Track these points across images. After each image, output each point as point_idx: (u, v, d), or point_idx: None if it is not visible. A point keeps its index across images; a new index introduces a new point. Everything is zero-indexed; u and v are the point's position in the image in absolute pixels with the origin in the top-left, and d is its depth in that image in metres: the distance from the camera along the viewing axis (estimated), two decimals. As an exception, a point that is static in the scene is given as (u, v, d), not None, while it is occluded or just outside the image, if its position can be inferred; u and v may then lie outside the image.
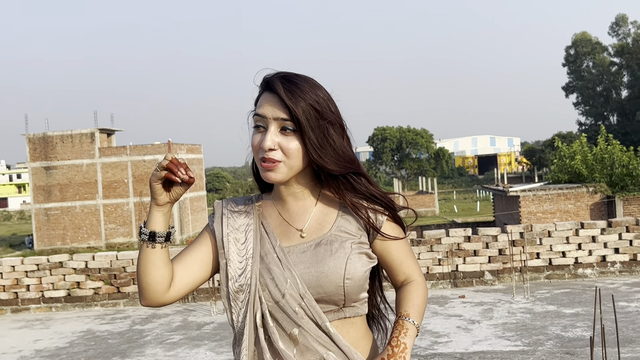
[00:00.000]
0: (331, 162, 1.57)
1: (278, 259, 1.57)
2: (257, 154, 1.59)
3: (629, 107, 67.05)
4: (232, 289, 1.58)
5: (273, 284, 1.55)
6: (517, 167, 79.71)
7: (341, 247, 1.56)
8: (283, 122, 1.54)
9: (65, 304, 8.84)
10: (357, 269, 1.55)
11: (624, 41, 68.35)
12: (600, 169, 26.86)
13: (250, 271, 1.57)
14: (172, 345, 6.63)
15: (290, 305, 1.53)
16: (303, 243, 1.59)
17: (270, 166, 1.55)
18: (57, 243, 40.02)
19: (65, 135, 40.35)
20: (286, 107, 1.53)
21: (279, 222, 1.64)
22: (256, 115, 1.58)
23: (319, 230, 1.61)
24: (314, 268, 1.55)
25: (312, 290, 1.54)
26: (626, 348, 5.33)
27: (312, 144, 1.55)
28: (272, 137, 1.54)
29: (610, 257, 8.38)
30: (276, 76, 1.58)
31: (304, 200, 1.65)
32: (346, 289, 1.53)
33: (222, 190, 79.09)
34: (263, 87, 1.59)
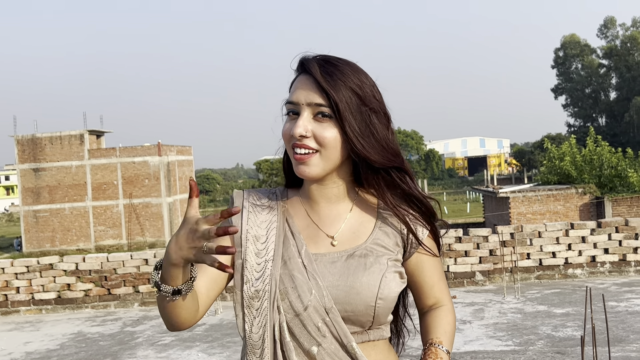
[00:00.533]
0: (374, 152, 1.37)
1: (303, 266, 1.38)
2: (288, 144, 1.40)
3: (617, 109, 67.60)
4: (247, 294, 1.37)
5: (295, 294, 1.35)
6: (507, 168, 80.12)
7: (376, 262, 1.38)
8: (317, 107, 1.35)
9: (56, 306, 8.80)
10: (391, 289, 1.37)
11: (612, 43, 68.94)
12: (589, 170, 27.06)
13: (270, 276, 1.37)
14: (163, 346, 6.61)
15: (313, 319, 1.35)
16: (333, 252, 1.40)
17: (304, 158, 1.36)
18: (46, 245, 39.79)
19: (54, 136, 40.15)
20: (322, 90, 1.35)
21: (306, 224, 1.45)
22: (288, 103, 1.40)
23: (353, 240, 1.42)
24: (344, 282, 1.36)
25: (339, 306, 1.35)
26: (616, 347, 5.38)
27: (353, 130, 1.35)
28: (304, 122, 1.35)
29: (599, 258, 8.44)
30: (313, 57, 1.40)
31: (337, 204, 1.45)
32: (377, 310, 1.36)
33: (212, 192, 78.94)
34: (298, 70, 1.41)
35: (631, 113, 64.02)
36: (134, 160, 40.09)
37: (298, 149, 1.36)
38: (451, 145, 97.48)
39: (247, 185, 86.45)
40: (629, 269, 8.41)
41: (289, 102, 1.39)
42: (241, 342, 1.44)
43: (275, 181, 65.96)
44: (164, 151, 40.28)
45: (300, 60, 1.41)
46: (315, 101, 1.35)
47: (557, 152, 28.54)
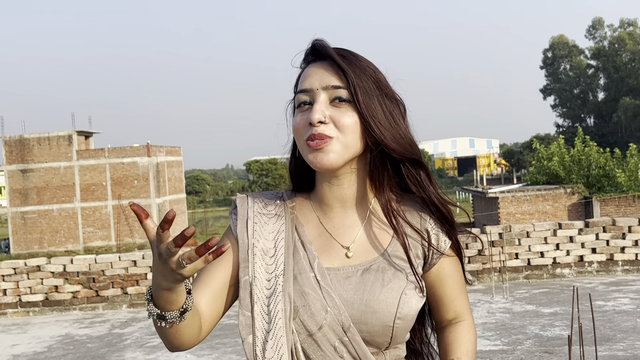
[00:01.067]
0: (392, 140, 1.26)
1: (316, 281, 1.25)
2: (301, 137, 1.27)
3: (605, 109, 68.02)
4: (258, 314, 1.24)
5: (307, 312, 1.23)
6: (496, 168, 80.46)
7: (395, 278, 1.26)
8: (335, 90, 1.24)
9: (43, 308, 8.73)
10: (411, 307, 1.25)
11: (600, 44, 69.37)
12: (578, 171, 27.22)
13: (282, 292, 1.24)
14: (152, 348, 6.58)
15: (329, 339, 1.23)
16: (348, 266, 1.28)
17: (320, 144, 1.22)
18: (34, 247, 39.54)
19: (42, 137, 39.90)
20: (339, 73, 1.25)
21: (318, 233, 1.32)
22: (299, 93, 1.28)
23: (370, 252, 1.29)
24: (359, 300, 1.24)
25: (355, 327, 1.24)
26: (603, 346, 5.41)
27: (371, 114, 1.24)
28: (321, 107, 1.24)
29: (587, 257, 8.49)
30: (314, 44, 1.30)
31: (353, 209, 1.32)
32: (395, 330, 1.24)
33: (202, 192, 78.73)
34: (306, 61, 1.32)
35: (619, 113, 64.47)
36: (122, 161, 39.91)
37: (314, 138, 1.23)
38: (441, 145, 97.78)
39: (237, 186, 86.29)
40: (616, 268, 8.46)
41: (300, 90, 1.27)
42: (231, 344, 1.35)
43: (265, 182, 65.90)
44: (153, 152, 40.12)
45: (312, 46, 1.30)
46: (332, 83, 1.24)
47: (546, 153, 28.70)
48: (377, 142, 1.26)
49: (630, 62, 66.52)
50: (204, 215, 55.23)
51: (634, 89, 65.35)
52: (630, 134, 63.74)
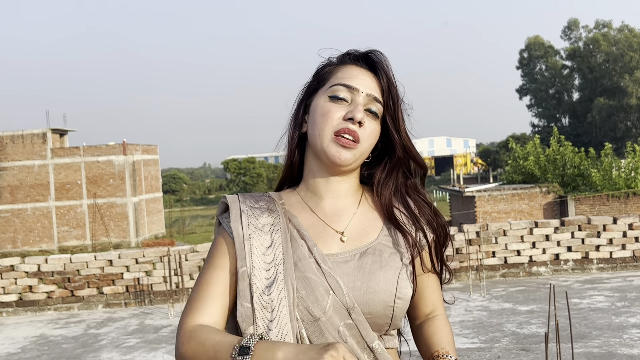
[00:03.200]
0: (417, 155, 1.40)
1: (317, 265, 1.28)
2: (330, 125, 1.31)
3: (580, 109, 68.93)
4: (258, 304, 1.24)
5: (311, 298, 1.25)
6: (473, 168, 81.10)
7: (392, 260, 1.31)
8: (373, 101, 1.34)
9: (17, 309, 8.59)
10: (408, 289, 1.30)
11: (575, 45, 70.27)
12: (553, 170, 27.56)
13: (283, 281, 1.25)
14: (128, 349, 6.51)
15: (334, 323, 1.25)
16: (345, 251, 1.31)
17: (350, 144, 1.30)
18: (8, 246, 38.93)
19: (15, 135, 39.29)
20: (385, 86, 1.35)
21: (312, 222, 1.35)
22: (342, 86, 1.34)
23: (363, 238, 1.34)
24: (360, 282, 1.27)
25: (358, 307, 1.28)
26: (579, 343, 5.47)
27: (404, 129, 1.38)
28: (363, 110, 1.33)
29: (563, 255, 8.58)
30: (373, 52, 1.39)
31: (345, 199, 1.38)
32: (395, 310, 1.28)
33: (179, 191, 78.19)
34: (344, 61, 1.39)
35: (593, 114, 65.38)
36: (98, 160, 39.46)
37: (347, 134, 1.30)
38: (418, 144, 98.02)
39: (214, 184, 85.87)
40: (591, 266, 8.56)
41: (345, 85, 1.33)
42: None
43: (243, 180, 65.64)
44: (129, 150, 39.73)
45: (367, 54, 1.38)
46: (375, 95, 1.34)
47: (522, 152, 29.00)
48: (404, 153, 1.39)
49: (605, 63, 67.49)
50: (180, 215, 54.87)
51: (608, 90, 66.33)
52: (604, 133, 64.70)
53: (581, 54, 68.59)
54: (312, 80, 1.41)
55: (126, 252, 8.68)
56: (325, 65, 1.40)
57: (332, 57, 1.41)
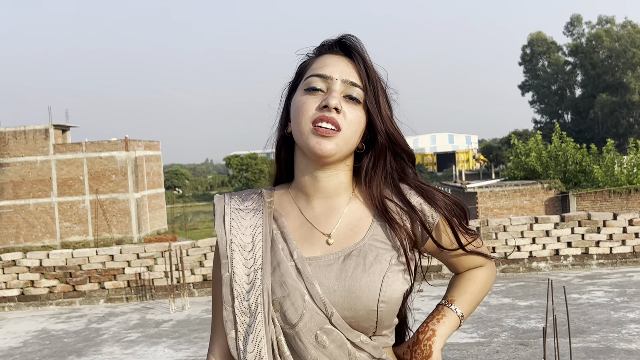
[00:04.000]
0: (401, 140, 1.34)
1: (296, 270, 1.26)
2: (307, 116, 1.27)
3: (582, 106, 68.80)
4: (239, 309, 1.25)
5: (288, 302, 1.23)
6: (475, 164, 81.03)
7: (377, 261, 1.26)
8: (351, 86, 1.29)
9: (19, 303, 8.64)
10: (395, 289, 1.24)
11: (578, 41, 70.10)
12: (555, 166, 27.53)
13: (261, 286, 1.25)
14: (129, 343, 6.54)
15: (310, 328, 1.23)
16: (329, 254, 1.28)
17: (330, 132, 1.25)
18: (10, 242, 39.03)
19: (18, 131, 39.35)
20: (363, 70, 1.30)
21: (299, 223, 1.33)
22: (315, 77, 1.30)
23: (350, 238, 1.30)
24: (341, 286, 1.24)
25: (340, 313, 1.24)
26: (577, 338, 5.49)
27: (387, 115, 1.32)
28: (339, 97, 1.27)
29: (563, 251, 8.60)
30: (346, 36, 1.34)
31: (335, 197, 1.33)
32: (380, 314, 1.23)
33: (181, 187, 78.26)
34: (320, 51, 1.35)
35: (596, 110, 65.26)
36: (100, 156, 39.51)
37: (325, 122, 1.25)
38: (420, 141, 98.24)
39: (216, 181, 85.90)
40: (591, 262, 8.58)
41: (317, 75, 1.29)
42: (209, 338, 1.36)
43: (245, 176, 65.68)
44: (131, 146, 39.77)
45: (341, 39, 1.34)
46: (351, 79, 1.29)
47: (524, 148, 28.99)
48: (386, 139, 1.32)
49: (607, 59, 67.33)
50: (183, 210, 54.92)
51: (610, 86, 66.19)
52: (606, 130, 64.59)
53: (584, 50, 68.42)
54: (293, 78, 1.38)
55: (127, 247, 8.72)
56: (304, 61, 1.37)
57: (311, 52, 1.38)
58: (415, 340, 1.35)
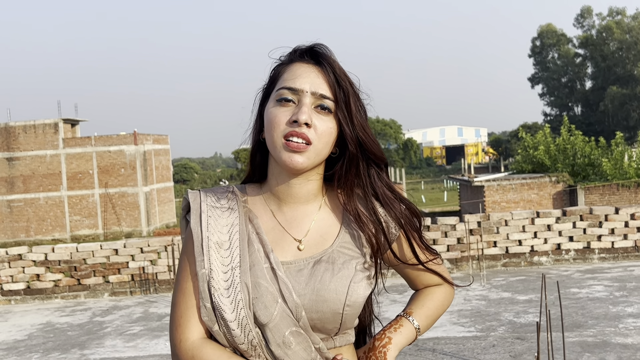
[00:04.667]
0: (375, 147, 1.37)
1: (271, 271, 1.30)
2: (278, 131, 1.30)
3: (592, 98, 68.36)
4: (217, 305, 1.28)
5: (260, 304, 1.28)
6: (484, 157, 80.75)
7: (344, 268, 1.32)
8: (321, 99, 1.31)
9: (25, 297, 8.76)
10: (359, 294, 1.32)
11: (588, 33, 69.59)
12: (563, 159, 27.41)
13: (240, 284, 1.29)
14: (131, 336, 6.63)
15: (280, 329, 1.28)
16: (300, 259, 1.33)
17: (301, 147, 1.28)
18: (21, 235, 39.36)
19: (28, 125, 39.61)
20: (333, 80, 1.32)
21: (271, 226, 1.36)
22: (285, 89, 1.31)
23: (320, 244, 1.35)
24: (310, 290, 1.30)
25: (306, 314, 1.30)
26: (574, 332, 5.52)
27: (359, 123, 1.34)
28: (309, 111, 1.29)
29: (564, 245, 8.60)
30: (317, 45, 1.36)
31: (306, 204, 1.38)
32: (344, 317, 1.31)
33: (190, 181, 78.53)
34: (294, 58, 1.36)
35: (606, 102, 64.81)
36: (109, 149, 39.71)
37: (296, 137, 1.28)
38: (429, 134, 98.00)
39: (225, 174, 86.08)
40: (592, 256, 8.58)
41: (288, 88, 1.31)
42: None
43: (254, 170, 65.65)
44: (140, 140, 39.93)
45: (304, 48, 1.36)
46: (320, 92, 1.31)
47: (532, 142, 28.88)
48: (357, 148, 1.35)
49: (618, 51, 66.81)
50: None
51: (620, 78, 65.70)
52: (617, 122, 64.14)
53: (594, 42, 67.91)
54: (266, 84, 1.40)
55: (131, 241, 8.81)
56: (276, 66, 1.38)
57: (284, 55, 1.39)
58: (372, 347, 1.40)
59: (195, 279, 1.31)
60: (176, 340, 1.33)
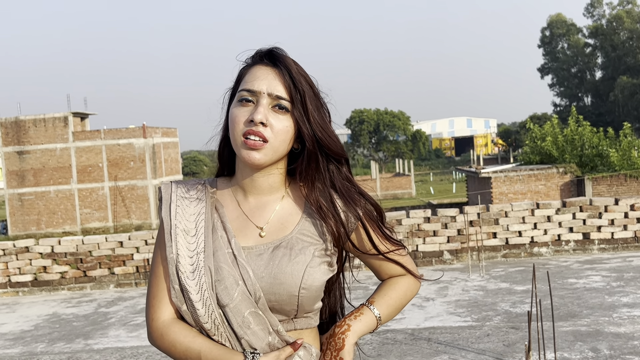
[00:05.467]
0: (332, 143, 1.47)
1: (233, 256, 1.42)
2: (238, 130, 1.41)
3: (602, 88, 67.92)
4: (184, 287, 1.40)
5: (221, 286, 1.39)
6: (494, 148, 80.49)
7: (301, 253, 1.42)
8: (277, 99, 1.41)
9: (32, 289, 8.92)
10: (315, 278, 1.41)
11: (598, 22, 69.05)
12: (571, 150, 27.31)
13: (204, 267, 1.40)
14: (135, 326, 6.77)
15: (240, 311, 1.39)
16: (260, 245, 1.44)
17: (257, 145, 1.39)
18: (32, 228, 39.77)
19: (38, 119, 39.92)
20: (285, 83, 1.41)
21: (236, 215, 1.48)
22: (245, 91, 1.42)
23: (280, 231, 1.46)
24: (268, 273, 1.40)
25: (265, 297, 1.40)
26: (568, 322, 5.59)
27: (315, 121, 1.43)
28: (265, 110, 1.40)
29: (564, 236, 8.66)
30: (274, 50, 1.46)
31: (269, 195, 1.49)
32: (300, 299, 1.40)
33: (199, 174, 78.84)
34: (255, 61, 1.47)
35: (616, 92, 64.36)
36: (118, 143, 39.97)
37: (253, 135, 1.39)
38: (438, 125, 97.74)
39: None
40: (592, 247, 8.63)
41: (247, 90, 1.41)
42: None
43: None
44: (149, 133, 40.15)
45: (263, 51, 1.45)
46: (276, 93, 1.40)
47: (540, 132, 28.78)
48: (314, 145, 1.45)
49: (628, 41, 66.28)
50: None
51: (631, 68, 65.20)
52: (627, 112, 63.71)
53: (604, 31, 67.39)
54: (233, 84, 1.50)
55: (136, 234, 8.95)
56: (241, 68, 1.49)
57: (249, 58, 1.49)
58: (332, 333, 1.48)
59: (165, 263, 1.44)
60: (149, 319, 1.46)
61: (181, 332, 1.42)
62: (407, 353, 5.10)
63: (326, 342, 1.49)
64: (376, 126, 71.73)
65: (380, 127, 71.57)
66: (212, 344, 1.41)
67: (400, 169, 57.37)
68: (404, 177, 49.80)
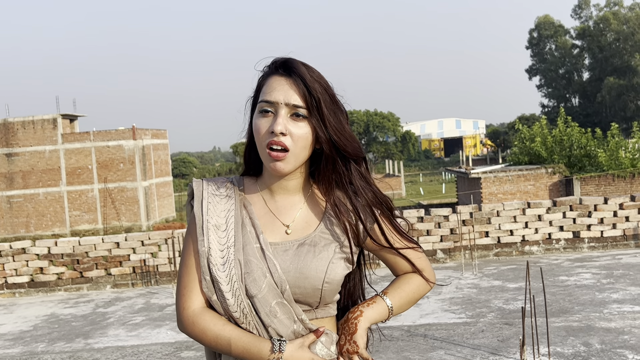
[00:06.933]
0: (349, 145, 1.55)
1: (261, 250, 1.53)
2: (263, 140, 1.52)
3: (590, 89, 68.54)
4: (215, 278, 1.51)
5: (250, 278, 1.50)
6: (482, 149, 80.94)
7: (324, 250, 1.54)
8: (295, 108, 1.50)
9: (29, 290, 8.97)
10: (337, 273, 1.53)
11: (585, 24, 69.67)
12: (559, 151, 27.58)
13: (234, 260, 1.51)
14: (134, 326, 6.84)
15: (267, 301, 1.50)
16: (287, 241, 1.55)
17: (280, 156, 1.49)
18: (21, 231, 39.57)
19: (26, 121, 39.74)
20: (301, 92, 1.50)
21: (264, 212, 1.59)
22: (264, 102, 1.52)
23: (305, 229, 1.57)
24: (294, 267, 1.51)
25: (290, 289, 1.51)
26: (560, 318, 5.73)
27: (332, 126, 1.52)
28: (284, 121, 1.49)
29: (555, 235, 8.82)
30: (289, 60, 1.54)
31: (294, 195, 1.60)
32: (323, 292, 1.52)
33: (189, 175, 78.69)
34: (271, 71, 1.55)
35: (603, 93, 64.98)
36: (108, 145, 39.87)
37: (275, 145, 1.48)
38: (427, 126, 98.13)
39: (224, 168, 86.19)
40: (582, 245, 8.80)
41: (266, 101, 1.50)
42: None
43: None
44: (138, 135, 40.09)
45: (278, 62, 1.54)
46: (294, 102, 1.49)
47: (528, 133, 29.05)
48: (331, 148, 1.53)
49: (615, 42, 66.94)
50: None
51: (618, 69, 65.85)
52: (614, 113, 64.35)
53: (591, 33, 68.00)
54: (254, 92, 1.60)
55: (132, 235, 9.01)
56: (260, 77, 1.59)
57: (266, 66, 1.59)
58: (346, 319, 1.59)
59: (197, 255, 1.55)
60: (180, 307, 1.56)
61: (212, 320, 1.52)
62: (404, 349, 5.22)
63: (341, 327, 1.59)
64: (366, 127, 71.96)
65: (370, 128, 71.82)
66: (241, 331, 1.52)
67: (390, 170, 57.61)
68: (393, 178, 49.98)
